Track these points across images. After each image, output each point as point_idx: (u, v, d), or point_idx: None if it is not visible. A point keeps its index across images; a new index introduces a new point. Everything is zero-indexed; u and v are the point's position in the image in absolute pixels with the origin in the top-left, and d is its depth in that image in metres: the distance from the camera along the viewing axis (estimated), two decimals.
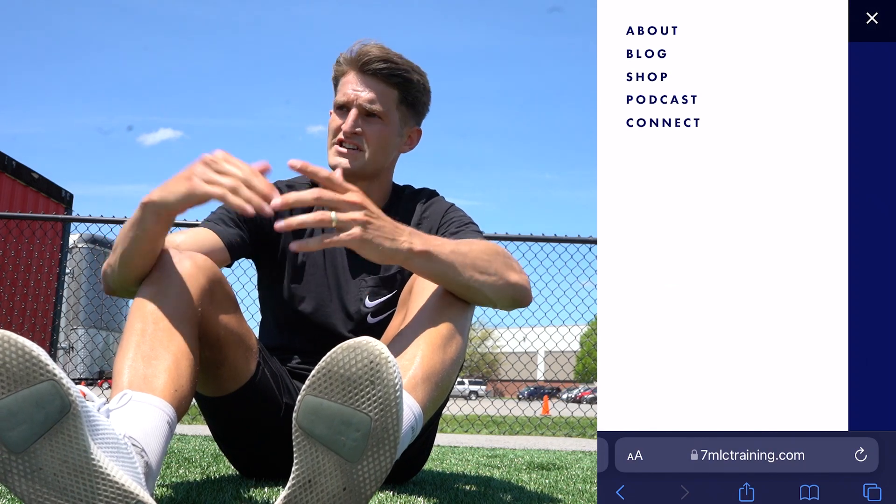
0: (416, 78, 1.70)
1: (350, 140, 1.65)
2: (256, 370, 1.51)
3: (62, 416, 0.93)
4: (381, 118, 1.67)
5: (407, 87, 1.70)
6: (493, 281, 1.37)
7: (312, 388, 1.02)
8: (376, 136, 1.67)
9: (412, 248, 1.29)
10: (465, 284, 1.35)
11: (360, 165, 1.67)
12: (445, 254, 1.33)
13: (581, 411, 14.73)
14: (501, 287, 1.39)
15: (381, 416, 1.01)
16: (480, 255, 1.38)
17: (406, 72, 1.68)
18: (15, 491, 0.95)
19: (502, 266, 1.40)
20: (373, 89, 1.66)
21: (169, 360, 1.22)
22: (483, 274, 1.36)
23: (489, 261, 1.38)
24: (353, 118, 1.65)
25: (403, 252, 1.28)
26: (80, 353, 12.40)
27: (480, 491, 1.72)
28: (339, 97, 1.68)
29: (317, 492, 1.03)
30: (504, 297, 1.40)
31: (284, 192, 1.71)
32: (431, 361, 1.28)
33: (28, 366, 0.92)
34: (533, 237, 5.71)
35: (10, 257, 6.88)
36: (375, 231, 1.25)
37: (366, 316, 1.68)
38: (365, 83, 1.66)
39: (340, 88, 1.68)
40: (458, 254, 1.35)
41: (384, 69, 1.66)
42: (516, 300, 1.42)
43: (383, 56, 1.66)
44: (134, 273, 1.33)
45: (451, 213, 1.69)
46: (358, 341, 1.02)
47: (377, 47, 1.67)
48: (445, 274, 1.33)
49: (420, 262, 1.31)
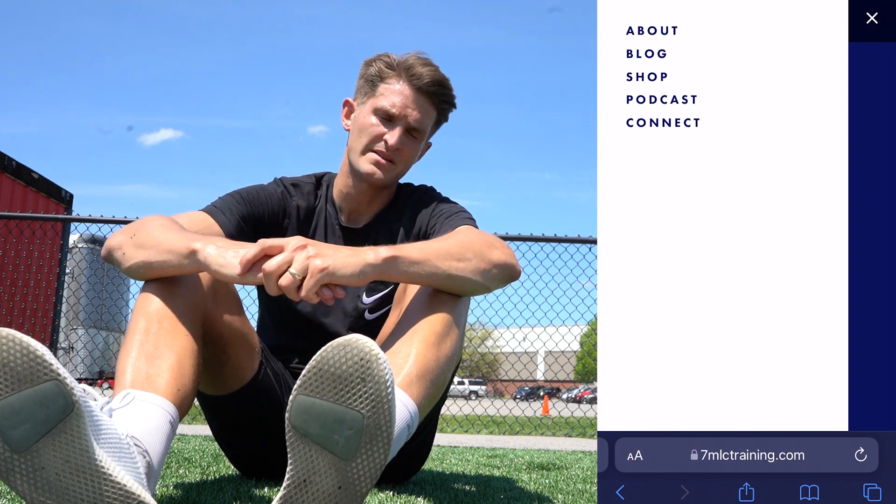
0: (455, 104, 1.73)
1: (390, 154, 1.65)
2: (259, 369, 1.51)
3: (65, 416, 0.93)
4: (419, 138, 1.69)
5: (446, 112, 1.73)
6: (475, 265, 1.36)
7: (304, 387, 1.02)
8: (410, 154, 1.68)
9: (378, 254, 1.27)
10: (446, 275, 1.33)
11: (391, 179, 1.69)
12: (415, 252, 1.32)
13: (581, 411, 14.72)
14: (486, 269, 1.37)
15: (374, 413, 1.01)
16: (454, 244, 1.37)
17: (453, 98, 1.71)
18: (17, 490, 0.95)
19: (481, 247, 1.39)
20: (422, 109, 1.66)
21: (172, 360, 1.22)
22: (461, 261, 1.35)
23: (465, 246, 1.37)
24: (400, 134, 1.65)
25: (371, 261, 1.26)
26: (80, 353, 12.40)
27: (480, 491, 1.72)
28: (386, 104, 1.65)
29: (312, 491, 1.03)
30: (492, 277, 1.39)
31: (290, 190, 1.72)
32: (426, 358, 1.27)
33: (32, 365, 0.92)
34: (533, 237, 5.71)
35: (10, 257, 6.88)
36: (332, 255, 1.23)
37: (363, 312, 1.69)
38: (416, 101, 1.66)
39: (387, 95, 1.65)
40: (429, 249, 1.34)
41: (438, 93, 1.67)
42: (504, 277, 1.41)
43: (440, 80, 1.67)
44: (145, 277, 1.34)
45: (441, 204, 1.69)
46: (347, 339, 1.01)
47: (434, 67, 1.67)
48: (422, 270, 1.32)
49: (393, 267, 1.29)
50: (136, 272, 1.34)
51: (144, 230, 1.34)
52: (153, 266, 1.30)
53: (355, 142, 1.68)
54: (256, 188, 1.67)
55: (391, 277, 1.31)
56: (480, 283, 1.38)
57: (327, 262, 1.22)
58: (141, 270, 1.32)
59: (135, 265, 1.32)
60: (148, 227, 1.34)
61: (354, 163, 1.67)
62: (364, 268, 1.25)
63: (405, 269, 1.30)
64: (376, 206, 1.73)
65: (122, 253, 1.35)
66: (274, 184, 1.71)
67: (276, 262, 1.21)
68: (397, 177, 1.70)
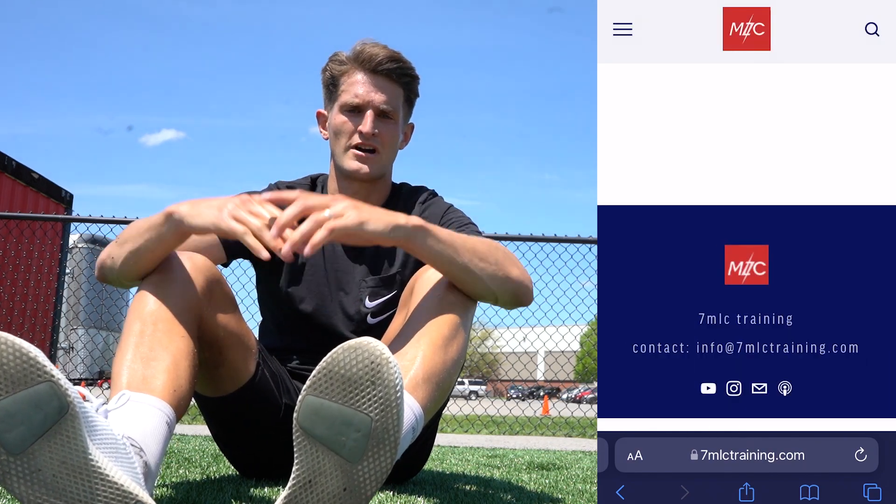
0: (417, 76, 1.71)
1: (368, 142, 1.65)
2: (256, 371, 1.51)
3: (60, 417, 0.93)
4: (393, 118, 1.67)
5: (411, 86, 1.71)
6: (493, 270, 1.36)
7: (313, 388, 1.02)
8: (389, 137, 1.67)
9: (409, 221, 1.29)
10: (463, 267, 1.34)
11: (379, 169, 1.68)
12: (444, 233, 1.33)
13: (581, 411, 14.73)
14: (502, 279, 1.37)
15: (382, 416, 1.01)
16: (480, 243, 1.38)
17: (412, 70, 1.70)
18: (14, 492, 0.95)
19: (503, 259, 1.39)
20: (385, 90, 1.66)
21: (168, 361, 1.22)
22: (483, 261, 1.35)
23: (489, 251, 1.38)
24: (372, 119, 1.64)
25: (402, 224, 1.28)
26: (80, 353, 12.40)
27: (480, 491, 1.72)
28: (349, 98, 1.65)
29: (317, 492, 1.03)
30: (505, 289, 1.39)
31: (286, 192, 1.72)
32: (433, 362, 1.27)
33: (26, 367, 0.92)
34: (533, 237, 5.71)
35: (10, 257, 6.88)
36: (369, 212, 1.26)
37: (366, 316, 1.68)
38: (377, 84, 1.65)
39: (348, 89, 1.66)
40: (457, 237, 1.35)
41: (395, 69, 1.66)
42: (517, 295, 1.41)
43: (393, 56, 1.66)
44: (137, 272, 1.34)
45: (450, 213, 1.69)
46: (359, 341, 1.01)
47: (382, 46, 1.66)
48: (444, 253, 1.32)
49: (418, 237, 1.30)
50: (128, 270, 1.35)
51: (123, 232, 1.38)
52: (140, 252, 1.31)
53: (335, 144, 1.69)
54: (250, 193, 1.67)
55: (414, 248, 1.31)
56: (490, 290, 1.38)
57: (364, 215, 1.25)
58: (131, 263, 1.33)
59: (124, 261, 1.34)
60: (126, 229, 1.38)
61: (340, 165, 1.68)
62: (395, 228, 1.27)
63: (430, 245, 1.31)
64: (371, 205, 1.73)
65: (112, 258, 1.37)
66: (268, 188, 1.72)
67: (317, 201, 1.24)
68: (385, 166, 1.69)
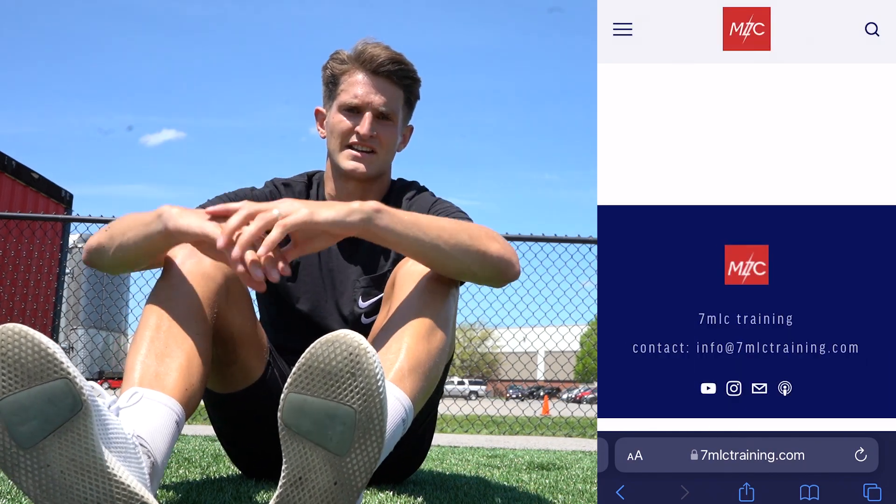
0: (418, 78, 1.71)
1: (366, 143, 1.64)
2: (266, 369, 1.51)
3: (73, 415, 0.94)
4: (392, 120, 1.67)
5: (412, 88, 1.71)
6: (466, 246, 1.31)
7: (295, 385, 1.02)
8: (388, 139, 1.67)
9: (364, 205, 1.25)
10: (433, 246, 1.29)
11: (376, 169, 1.67)
12: (406, 215, 1.30)
13: (581, 411, 14.73)
14: (478, 254, 1.32)
15: (365, 406, 1.01)
16: (449, 222, 1.34)
17: (414, 73, 1.69)
18: (21, 486, 0.96)
19: (479, 234, 1.35)
20: (384, 92, 1.65)
21: (182, 359, 1.22)
22: (453, 238, 1.31)
23: (460, 228, 1.34)
24: (370, 121, 1.63)
25: (356, 208, 1.24)
26: (80, 354, 12.39)
27: (480, 491, 1.72)
28: (347, 98, 1.64)
29: (308, 488, 1.03)
30: (483, 265, 1.34)
31: (281, 190, 1.72)
32: (417, 352, 1.26)
33: (43, 362, 0.93)
34: (533, 237, 5.72)
35: (10, 257, 6.88)
36: (319, 204, 1.23)
37: (360, 316, 1.68)
38: (376, 85, 1.65)
39: (347, 88, 1.65)
40: (423, 217, 1.33)
41: (396, 71, 1.65)
42: (500, 270, 1.36)
43: (394, 57, 1.65)
44: (128, 265, 1.36)
45: (437, 204, 1.66)
46: (336, 334, 1.01)
47: (384, 47, 1.66)
48: (408, 234, 1.28)
49: (378, 219, 1.25)
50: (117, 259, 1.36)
51: (116, 222, 1.38)
52: (128, 245, 1.32)
53: (331, 143, 1.68)
54: (246, 189, 1.68)
55: (377, 233, 1.26)
56: (467, 266, 1.33)
57: (312, 205, 1.21)
58: (119, 255, 1.34)
59: (113, 252, 1.35)
60: (120, 219, 1.39)
61: (336, 164, 1.67)
62: (350, 212, 1.23)
63: (392, 227, 1.26)
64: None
65: (101, 245, 1.38)
66: (265, 185, 1.72)
67: (263, 205, 1.21)
68: (382, 166, 1.69)
